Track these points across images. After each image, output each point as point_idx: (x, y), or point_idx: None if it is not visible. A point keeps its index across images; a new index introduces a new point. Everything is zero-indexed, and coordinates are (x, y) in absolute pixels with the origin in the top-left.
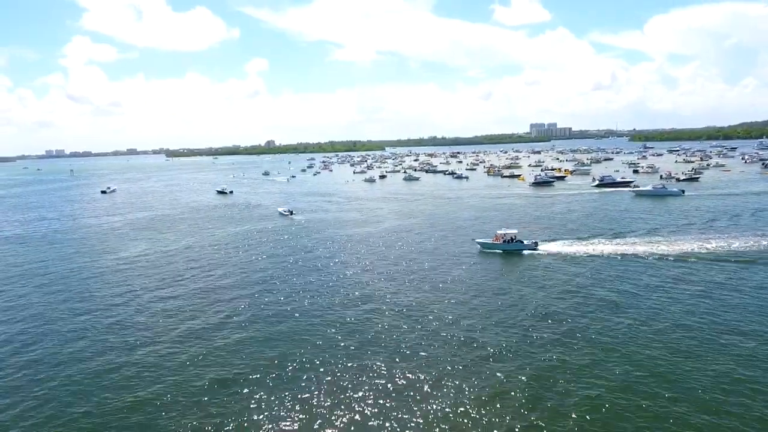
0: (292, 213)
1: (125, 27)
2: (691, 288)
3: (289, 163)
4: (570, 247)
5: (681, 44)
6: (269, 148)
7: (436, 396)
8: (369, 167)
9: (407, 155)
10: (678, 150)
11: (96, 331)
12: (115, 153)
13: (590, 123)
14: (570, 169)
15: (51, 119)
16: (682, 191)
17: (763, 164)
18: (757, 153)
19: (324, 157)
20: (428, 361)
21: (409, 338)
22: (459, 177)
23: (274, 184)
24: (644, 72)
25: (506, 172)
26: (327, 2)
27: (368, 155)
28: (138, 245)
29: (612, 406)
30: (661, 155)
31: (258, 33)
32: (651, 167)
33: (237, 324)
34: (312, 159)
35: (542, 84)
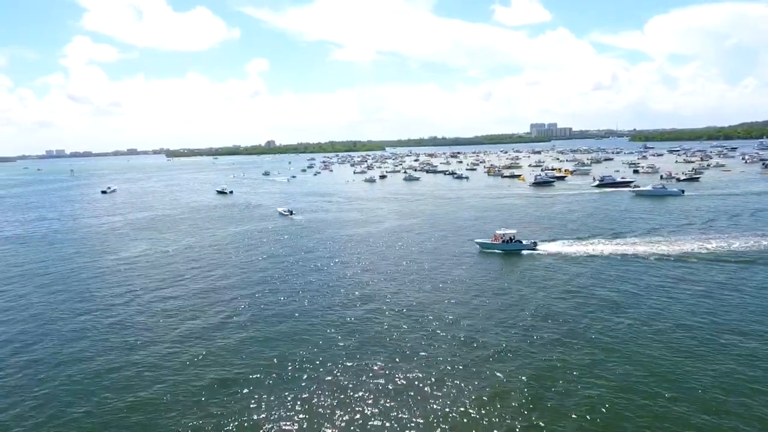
0: (292, 213)
1: (126, 27)
2: (692, 288)
3: (290, 163)
4: (570, 247)
5: (681, 44)
6: (269, 148)
7: (437, 396)
8: (369, 167)
9: (407, 155)
10: (678, 150)
11: (96, 331)
12: (116, 153)
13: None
14: (570, 169)
15: (51, 119)
16: (682, 191)
17: (764, 164)
18: (758, 153)
19: (324, 157)
20: (428, 361)
21: (410, 338)
22: (459, 177)
23: (275, 184)
24: (644, 72)
25: (506, 172)
26: (327, 2)
27: (368, 155)
28: (138, 245)
29: (612, 406)
30: (662, 155)
31: (258, 33)
32: (651, 167)
33: (237, 324)
34: (312, 159)
35: (542, 84)
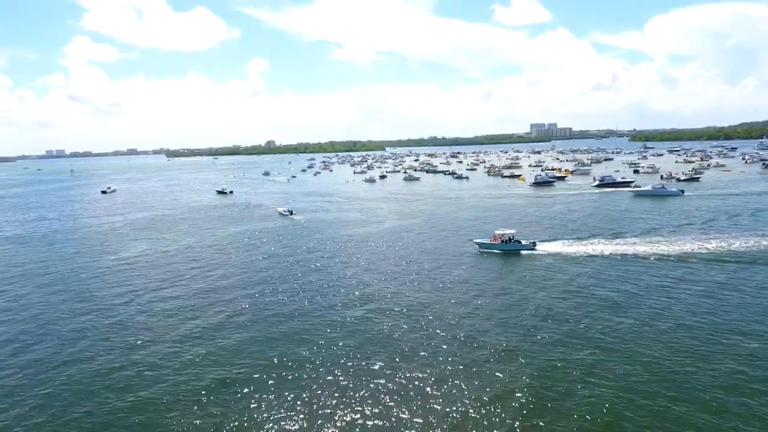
0: (292, 213)
1: (126, 27)
2: (692, 288)
3: (290, 163)
4: (570, 247)
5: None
6: (269, 148)
7: (437, 396)
8: (369, 167)
9: (407, 155)
10: (678, 150)
11: (97, 331)
12: (116, 153)
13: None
14: (570, 169)
15: (51, 119)
16: (682, 191)
17: (764, 164)
18: (758, 153)
19: (324, 157)
20: (429, 361)
21: (410, 338)
22: (459, 177)
23: (275, 184)
24: (644, 72)
25: (506, 173)
26: (327, 2)
27: (368, 155)
28: (138, 245)
29: (613, 406)
30: (662, 155)
31: (258, 33)
32: (651, 167)
33: (237, 324)
34: (312, 159)
35: (543, 84)
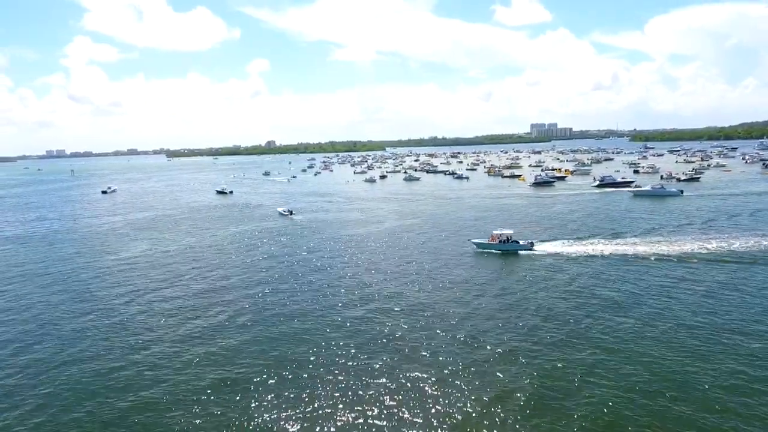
0: (292, 213)
1: (126, 27)
2: (692, 288)
3: (290, 164)
4: (570, 247)
5: (681, 44)
6: (270, 149)
7: (437, 396)
8: (369, 167)
9: (408, 155)
10: (679, 150)
11: (97, 331)
12: (116, 153)
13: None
14: (570, 170)
15: (52, 119)
16: (681, 191)
17: (764, 164)
18: (758, 153)
19: (324, 158)
20: (429, 361)
21: (410, 338)
22: (459, 177)
23: (275, 185)
24: (645, 72)
25: (507, 173)
26: (327, 2)
27: (368, 155)
28: (138, 245)
29: (614, 406)
30: (662, 155)
31: (258, 33)
32: (651, 167)
33: (238, 324)
34: (312, 159)
35: (543, 84)
